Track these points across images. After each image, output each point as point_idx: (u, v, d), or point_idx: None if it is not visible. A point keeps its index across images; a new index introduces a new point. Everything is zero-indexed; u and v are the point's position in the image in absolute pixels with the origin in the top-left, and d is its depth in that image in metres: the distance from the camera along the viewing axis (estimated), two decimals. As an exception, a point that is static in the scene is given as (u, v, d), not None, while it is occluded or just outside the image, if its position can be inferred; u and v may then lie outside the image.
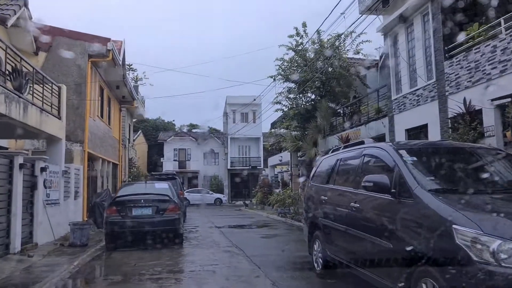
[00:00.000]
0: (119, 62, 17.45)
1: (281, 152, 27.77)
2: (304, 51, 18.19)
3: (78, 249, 10.12)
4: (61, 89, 12.53)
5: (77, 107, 15.09)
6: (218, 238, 12.54)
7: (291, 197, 20.53)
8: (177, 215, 10.66)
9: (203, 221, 19.32)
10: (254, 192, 30.92)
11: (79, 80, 15.14)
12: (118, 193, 11.36)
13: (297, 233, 14.19)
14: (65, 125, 14.64)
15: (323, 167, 7.18)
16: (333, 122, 18.17)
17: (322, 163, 7.28)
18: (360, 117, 15.47)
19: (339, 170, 6.32)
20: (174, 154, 46.66)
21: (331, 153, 7.18)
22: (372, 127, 13.70)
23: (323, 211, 6.50)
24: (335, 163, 6.47)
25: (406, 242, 4.07)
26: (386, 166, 4.90)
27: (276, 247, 10.94)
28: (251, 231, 15.33)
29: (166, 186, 11.76)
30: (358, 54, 18.18)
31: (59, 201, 11.86)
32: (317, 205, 6.83)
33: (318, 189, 6.91)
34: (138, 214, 10.48)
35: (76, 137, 15.01)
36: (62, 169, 12.20)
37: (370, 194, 4.89)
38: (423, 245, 3.84)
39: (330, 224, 6.12)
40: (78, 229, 10.47)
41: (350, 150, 6.22)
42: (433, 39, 10.57)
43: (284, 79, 19.41)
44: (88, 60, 15.35)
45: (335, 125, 18.00)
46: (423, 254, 3.80)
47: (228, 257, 9.10)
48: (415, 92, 11.48)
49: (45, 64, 14.98)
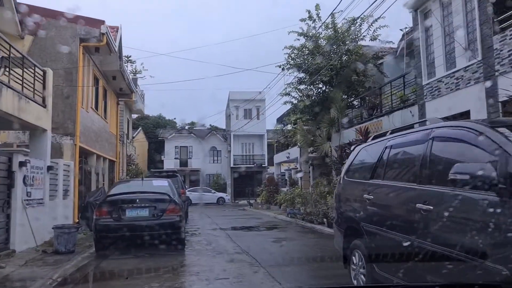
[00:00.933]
0: (115, 49, 15.95)
1: (289, 148, 26.26)
2: (317, 37, 16.67)
3: (63, 257, 8.66)
4: (47, 73, 11.05)
5: (67, 96, 13.62)
6: (224, 243, 11.07)
7: (301, 196, 19.07)
8: (178, 217, 9.17)
9: (206, 222, 17.86)
10: (259, 191, 29.46)
11: (70, 67, 13.66)
12: (111, 191, 9.88)
13: (311, 236, 12.72)
14: (54, 116, 13.20)
15: (362, 158, 5.70)
16: (348, 114, 16.67)
17: (360, 153, 5.79)
18: (380, 107, 13.97)
19: (390, 161, 4.82)
20: (175, 152, 45.21)
21: (372, 140, 5.69)
22: (397, 118, 12.21)
23: (367, 214, 5.01)
24: (383, 152, 4.98)
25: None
26: (477, 153, 3.42)
27: (293, 253, 9.45)
28: (260, 234, 13.85)
29: (166, 183, 10.26)
30: (375, 40, 16.69)
31: (44, 201, 10.39)
32: (356, 206, 5.34)
33: (358, 185, 5.42)
34: (132, 216, 9.00)
35: (66, 129, 13.53)
36: (48, 165, 10.72)
37: (454, 192, 3.41)
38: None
39: (380, 232, 4.63)
40: (63, 234, 9.00)
41: (407, 134, 4.73)
42: (478, 10, 9.06)
43: (294, 68, 17.93)
44: (80, 45, 13.86)
45: (350, 118, 16.50)
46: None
47: (239, 268, 7.59)
48: (453, 74, 9.97)
49: (32, 49, 13.50)
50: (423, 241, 3.78)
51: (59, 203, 11.70)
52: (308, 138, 16.62)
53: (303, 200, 18.08)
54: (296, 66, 17.89)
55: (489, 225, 3.07)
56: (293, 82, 18.58)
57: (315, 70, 16.75)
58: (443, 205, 3.56)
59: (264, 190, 27.89)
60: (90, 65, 15.85)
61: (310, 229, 14.71)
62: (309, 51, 17.27)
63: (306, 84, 17.76)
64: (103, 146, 18.32)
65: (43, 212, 10.27)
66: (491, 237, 3.05)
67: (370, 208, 4.94)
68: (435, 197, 3.72)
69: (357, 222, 5.24)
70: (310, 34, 16.69)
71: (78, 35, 13.82)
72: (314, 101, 17.43)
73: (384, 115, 13.19)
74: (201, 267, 7.93)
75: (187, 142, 45.26)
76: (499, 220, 3.00)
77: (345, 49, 16.28)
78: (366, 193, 5.06)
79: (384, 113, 13.29)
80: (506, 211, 2.95)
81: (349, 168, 5.92)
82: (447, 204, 3.50)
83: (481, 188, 3.09)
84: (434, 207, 3.67)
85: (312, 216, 15.82)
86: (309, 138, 16.60)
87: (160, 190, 9.63)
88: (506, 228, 2.93)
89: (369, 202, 4.97)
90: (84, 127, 14.75)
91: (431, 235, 3.69)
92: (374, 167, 5.10)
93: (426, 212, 3.76)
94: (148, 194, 9.40)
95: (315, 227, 14.84)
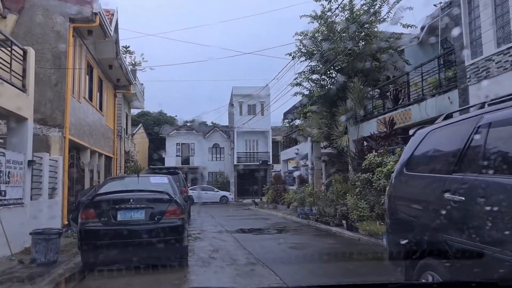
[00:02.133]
0: (110, 33, 14.46)
1: (297, 144, 24.73)
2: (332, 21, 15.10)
3: (41, 268, 7.18)
4: (28, 53, 9.54)
5: (55, 84, 12.12)
6: (234, 249, 9.57)
7: (312, 195, 17.56)
8: (180, 220, 7.64)
9: (210, 223, 16.37)
10: (265, 189, 27.98)
11: (58, 50, 12.16)
12: (100, 189, 8.34)
13: (332, 242, 11.22)
14: (41, 105, 11.85)
15: (433, 144, 4.18)
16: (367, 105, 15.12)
17: (427, 138, 4.25)
18: (408, 95, 12.43)
19: (491, 146, 3.30)
20: (176, 149, 43.69)
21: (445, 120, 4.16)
22: (431, 105, 10.67)
23: (452, 222, 3.49)
24: (474, 133, 3.46)
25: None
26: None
27: (319, 264, 7.92)
28: (272, 237, 12.34)
29: (165, 180, 8.72)
30: (395, 24, 15.13)
31: (23, 201, 8.89)
32: (431, 210, 3.82)
33: (431, 182, 3.90)
34: (125, 220, 7.47)
35: (54, 120, 12.04)
36: (29, 159, 9.21)
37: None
38: None
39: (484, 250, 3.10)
40: (42, 241, 7.50)
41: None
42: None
43: (307, 56, 16.39)
44: (70, 26, 12.37)
45: (369, 108, 14.96)
46: None
47: (257, 286, 6.06)
48: (508, 51, 8.43)
49: (16, 30, 12.02)
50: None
51: (44, 203, 10.21)
52: (324, 131, 15.06)
53: (316, 200, 16.59)
54: (308, 54, 16.34)
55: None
56: (304, 71, 17.04)
57: (330, 57, 15.21)
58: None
59: (270, 189, 26.44)
60: (83, 51, 14.35)
61: (327, 232, 13.22)
62: (324, 37, 15.73)
63: (320, 73, 16.21)
64: (98, 141, 16.83)
65: (22, 213, 8.77)
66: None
67: (459, 214, 3.42)
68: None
69: (432, 233, 3.72)
70: (325, 16, 15.11)
71: (68, 14, 12.33)
72: (329, 91, 15.88)
73: (413, 104, 11.65)
74: (208, 282, 6.44)
75: (189, 139, 43.81)
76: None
77: (364, 33, 14.72)
78: (449, 193, 3.54)
79: (413, 102, 11.74)
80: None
81: (410, 159, 4.39)
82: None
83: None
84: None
85: (328, 217, 14.33)
86: (325, 132, 15.05)
87: (158, 188, 8.09)
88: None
89: (456, 205, 3.44)
90: (75, 119, 13.27)
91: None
92: (460, 155, 3.57)
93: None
94: (145, 193, 7.87)
95: (331, 229, 13.36)
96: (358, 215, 11.76)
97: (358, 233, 11.59)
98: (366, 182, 12.15)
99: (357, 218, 11.81)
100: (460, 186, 3.46)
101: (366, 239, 10.84)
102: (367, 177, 12.01)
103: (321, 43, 15.76)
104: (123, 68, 18.59)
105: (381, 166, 11.44)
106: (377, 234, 10.35)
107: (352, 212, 12.02)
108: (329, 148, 17.58)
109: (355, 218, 11.88)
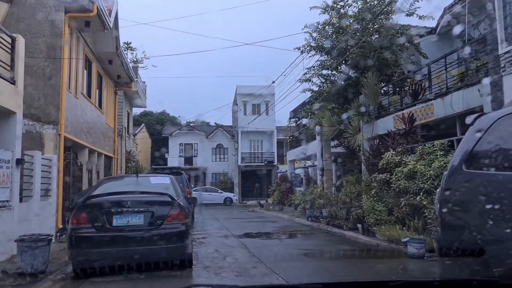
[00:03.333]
0: (109, 25, 13.61)
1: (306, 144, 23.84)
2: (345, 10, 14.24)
3: (27, 280, 6.38)
4: (16, 41, 8.71)
5: (49, 77, 11.29)
6: (242, 257, 8.69)
7: (322, 197, 16.69)
8: (184, 225, 6.79)
9: (215, 226, 15.50)
10: (270, 190, 27.11)
11: (53, 41, 11.34)
12: (95, 191, 7.48)
13: (347, 247, 10.34)
14: (34, 100, 11.13)
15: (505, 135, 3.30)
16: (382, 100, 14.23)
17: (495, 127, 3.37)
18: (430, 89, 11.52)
19: None
20: (179, 150, 42.87)
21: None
22: (457, 99, 9.77)
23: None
24: None
25: None
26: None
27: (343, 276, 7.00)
28: (282, 243, 11.48)
29: (167, 180, 7.85)
30: (411, 16, 14.23)
31: (10, 203, 8.04)
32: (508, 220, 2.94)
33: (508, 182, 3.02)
34: (122, 225, 6.63)
35: (48, 116, 11.21)
36: (17, 157, 8.37)
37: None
38: None
39: None
40: (28, 249, 6.65)
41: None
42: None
43: (316, 50, 15.53)
44: (65, 15, 11.54)
45: (385, 105, 14.06)
46: None
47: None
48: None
49: (7, 19, 11.21)
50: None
51: (35, 205, 9.37)
52: (336, 129, 14.17)
53: (326, 202, 15.71)
54: (318, 48, 15.48)
55: None
56: (314, 66, 16.17)
57: (342, 51, 14.34)
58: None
59: (276, 190, 25.58)
60: (80, 43, 13.52)
61: (341, 236, 12.33)
62: (335, 29, 14.85)
63: (331, 68, 15.33)
64: (98, 140, 16.01)
65: (8, 217, 7.94)
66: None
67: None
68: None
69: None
70: (337, 7, 14.23)
71: (63, 3, 11.49)
72: (340, 87, 15.01)
73: (436, 98, 10.74)
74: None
75: (192, 139, 42.99)
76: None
77: (378, 24, 13.84)
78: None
79: (435, 96, 10.84)
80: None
81: (472, 154, 3.51)
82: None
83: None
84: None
85: (340, 220, 13.45)
86: (337, 129, 14.16)
87: (159, 189, 7.23)
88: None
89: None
90: (71, 115, 12.44)
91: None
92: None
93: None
94: (144, 195, 7.02)
95: (344, 233, 12.47)
96: (375, 219, 10.87)
97: (375, 238, 10.71)
98: (383, 183, 11.27)
99: (374, 222, 10.93)
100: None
101: (385, 244, 9.96)
102: (385, 178, 11.13)
103: (332, 36, 14.89)
104: (124, 64, 17.75)
105: (400, 165, 10.58)
106: (398, 240, 9.48)
107: (369, 216, 11.13)
108: (340, 147, 16.69)
109: (371, 222, 11.00)
